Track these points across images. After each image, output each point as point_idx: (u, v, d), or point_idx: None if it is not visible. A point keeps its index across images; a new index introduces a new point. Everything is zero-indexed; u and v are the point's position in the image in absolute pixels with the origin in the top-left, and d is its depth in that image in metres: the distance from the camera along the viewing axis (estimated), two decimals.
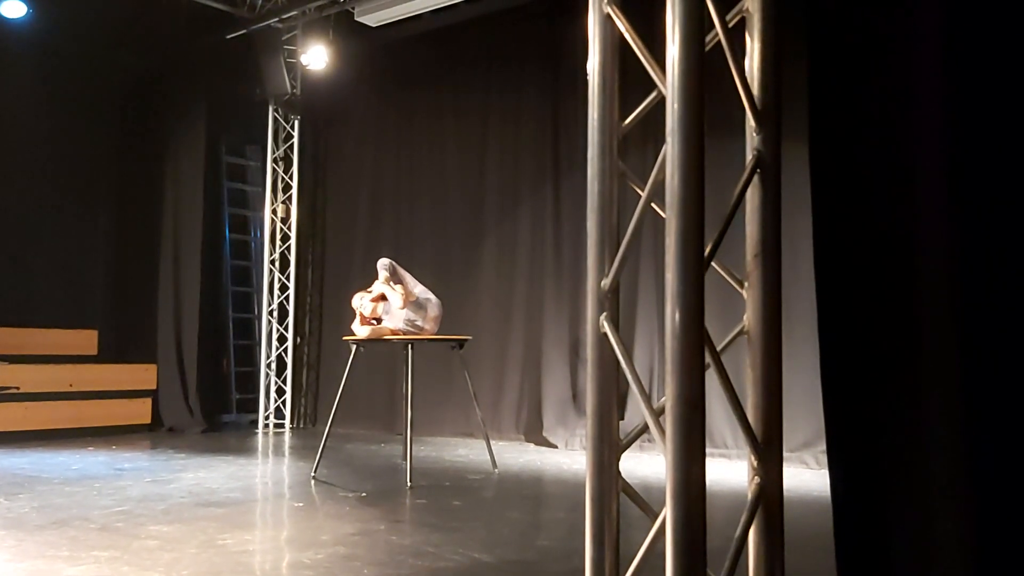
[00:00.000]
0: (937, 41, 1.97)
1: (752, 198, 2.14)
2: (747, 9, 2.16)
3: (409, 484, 5.29)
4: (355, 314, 5.78)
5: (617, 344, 2.16)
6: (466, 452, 7.02)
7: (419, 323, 5.68)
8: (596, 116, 2.23)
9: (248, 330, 9.46)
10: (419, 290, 5.78)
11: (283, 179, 9.13)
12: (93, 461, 6.29)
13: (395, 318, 5.67)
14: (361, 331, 5.66)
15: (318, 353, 9.22)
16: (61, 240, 8.51)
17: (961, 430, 1.91)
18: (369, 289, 5.81)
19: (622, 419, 6.18)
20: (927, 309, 1.97)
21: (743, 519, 2.05)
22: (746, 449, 2.10)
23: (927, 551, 1.96)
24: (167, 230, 8.92)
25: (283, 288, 9.08)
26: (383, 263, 5.78)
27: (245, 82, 8.86)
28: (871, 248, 2.06)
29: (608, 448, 2.20)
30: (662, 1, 1.93)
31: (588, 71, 2.26)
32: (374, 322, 5.75)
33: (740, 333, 2.17)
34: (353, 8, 7.78)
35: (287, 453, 7.37)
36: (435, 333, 5.78)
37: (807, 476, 5.64)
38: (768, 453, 2.08)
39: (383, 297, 5.73)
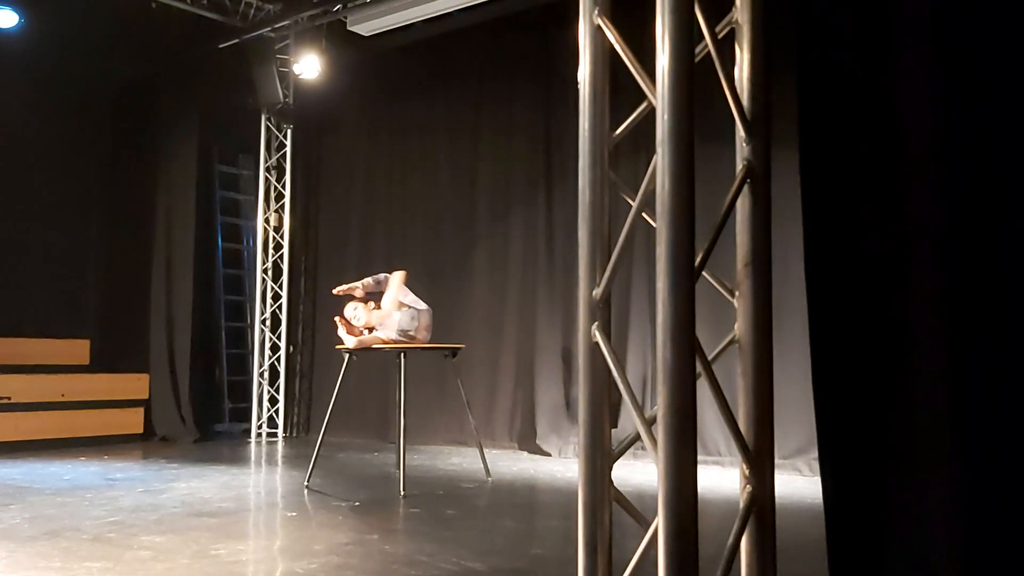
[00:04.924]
0: (927, 48, 1.99)
1: (742, 207, 2.15)
2: (736, 20, 2.17)
3: (402, 493, 5.29)
4: (340, 324, 5.74)
5: (609, 353, 2.17)
6: (459, 460, 7.01)
7: (411, 332, 5.68)
8: (587, 126, 2.24)
9: (241, 339, 9.44)
10: (410, 299, 5.77)
11: (276, 188, 9.13)
12: (85, 471, 6.27)
13: (388, 328, 5.66)
14: (350, 340, 5.64)
15: (311, 362, 9.20)
16: (53, 249, 8.49)
17: (953, 437, 1.92)
18: (363, 293, 5.80)
19: (615, 427, 6.19)
20: (918, 317, 1.98)
21: (735, 528, 2.05)
22: (739, 457, 2.10)
23: (919, 558, 1.97)
24: (159, 239, 8.90)
25: (276, 297, 9.07)
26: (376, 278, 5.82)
27: (238, 91, 8.86)
28: (862, 256, 2.07)
29: (600, 457, 2.20)
30: (652, 12, 1.94)
31: (579, 81, 2.27)
32: (365, 332, 5.72)
33: (731, 342, 2.18)
34: (345, 18, 7.79)
35: (280, 462, 7.35)
36: (427, 342, 5.78)
37: (800, 483, 5.65)
38: (760, 461, 2.09)
39: (377, 305, 5.74)
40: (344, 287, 5.82)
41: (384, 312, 5.71)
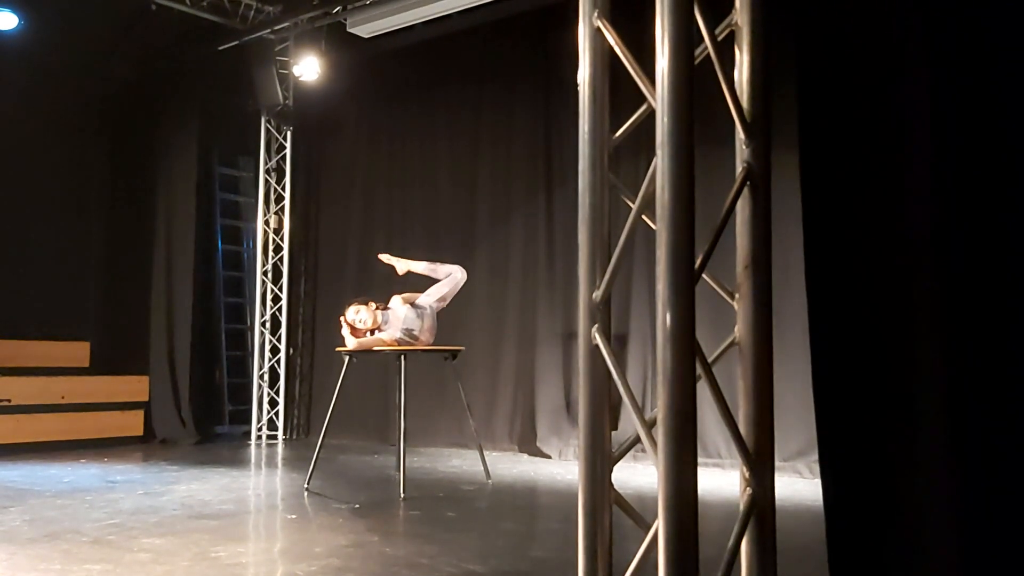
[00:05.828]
0: (927, 49, 1.99)
1: (742, 209, 2.15)
2: (736, 23, 2.18)
3: (402, 495, 5.28)
4: (344, 326, 5.74)
5: (608, 356, 2.17)
6: (459, 463, 7.01)
7: (416, 332, 5.68)
8: (587, 129, 2.24)
9: (241, 341, 9.44)
10: (418, 299, 5.81)
11: (276, 190, 9.13)
12: (85, 473, 6.26)
13: (393, 328, 5.67)
14: (352, 341, 5.65)
15: (311, 364, 9.19)
16: (53, 251, 8.48)
17: (952, 439, 1.92)
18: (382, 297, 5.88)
19: (615, 429, 6.20)
20: (918, 319, 1.98)
21: (735, 531, 2.05)
22: (739, 459, 2.10)
23: (919, 559, 1.97)
24: (159, 241, 8.90)
25: (276, 299, 9.07)
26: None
27: (237, 93, 8.86)
28: (862, 258, 2.07)
29: (600, 460, 2.20)
30: (652, 14, 1.94)
31: (579, 84, 2.27)
32: (368, 334, 5.72)
33: (731, 344, 2.18)
34: (345, 19, 7.79)
35: (280, 464, 7.35)
36: (430, 344, 5.78)
37: (800, 485, 5.64)
38: (760, 464, 2.09)
39: (380, 306, 5.76)
40: (395, 260, 6.06)
41: (392, 310, 5.74)
